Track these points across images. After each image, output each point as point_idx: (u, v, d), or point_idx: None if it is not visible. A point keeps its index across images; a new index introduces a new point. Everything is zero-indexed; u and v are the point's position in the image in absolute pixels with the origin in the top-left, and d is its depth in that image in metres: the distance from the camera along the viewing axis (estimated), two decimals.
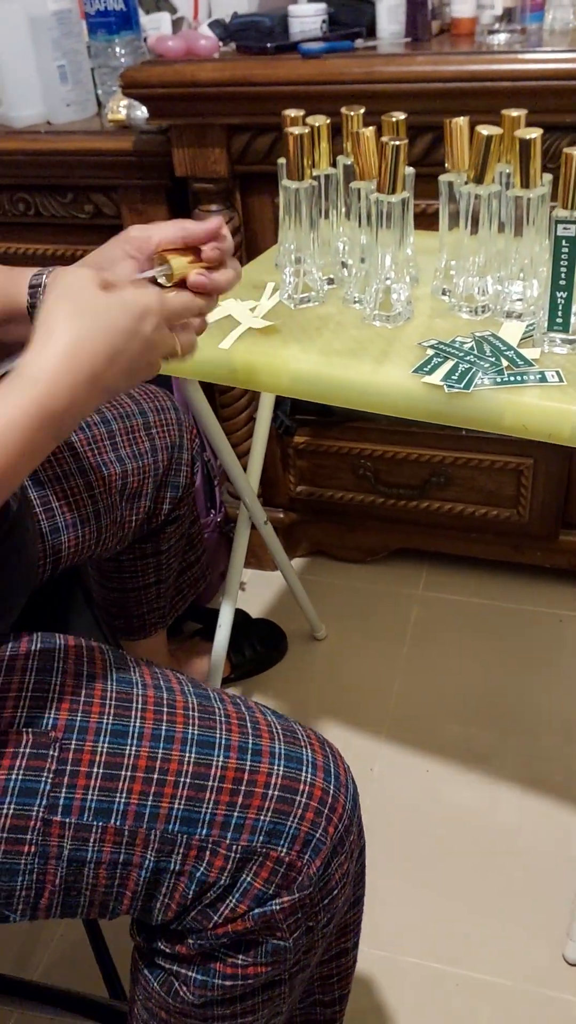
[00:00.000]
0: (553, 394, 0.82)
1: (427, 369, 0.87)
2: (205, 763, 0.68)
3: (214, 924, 0.68)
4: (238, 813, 0.67)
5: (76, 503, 1.00)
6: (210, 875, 0.67)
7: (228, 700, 0.74)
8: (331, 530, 1.74)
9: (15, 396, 0.58)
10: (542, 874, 1.22)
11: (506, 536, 1.62)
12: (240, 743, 0.70)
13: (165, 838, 0.67)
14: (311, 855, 0.68)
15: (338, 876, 0.70)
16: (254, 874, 0.67)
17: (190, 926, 0.69)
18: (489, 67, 1.15)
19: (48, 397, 0.58)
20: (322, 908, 0.70)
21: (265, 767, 0.69)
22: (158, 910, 0.69)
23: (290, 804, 0.68)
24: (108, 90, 1.51)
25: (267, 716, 0.74)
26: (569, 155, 0.79)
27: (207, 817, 0.67)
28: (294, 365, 0.94)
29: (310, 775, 0.70)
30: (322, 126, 1.00)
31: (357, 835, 0.74)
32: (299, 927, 0.69)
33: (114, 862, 0.67)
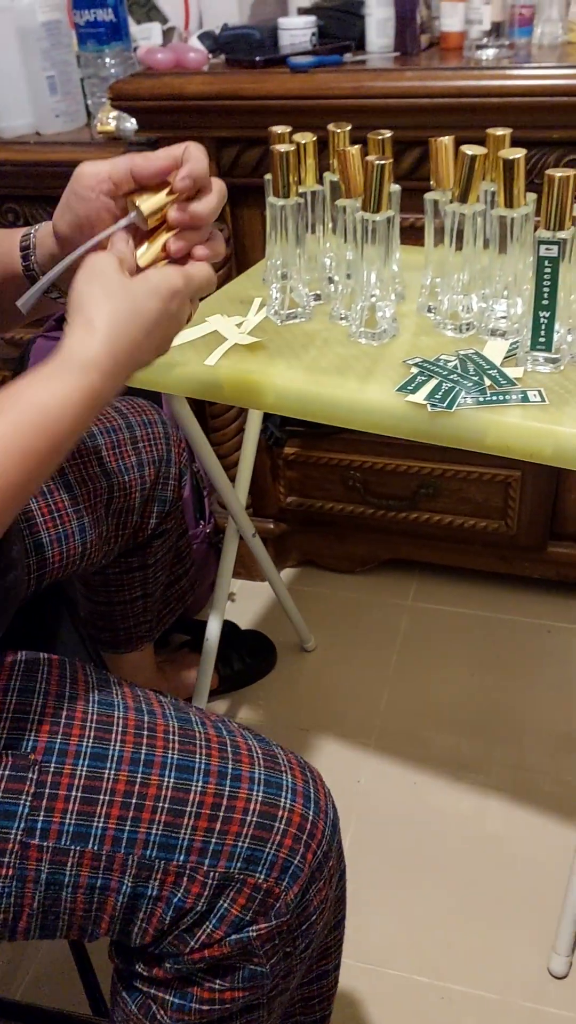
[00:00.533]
0: (535, 414, 0.82)
1: (411, 388, 0.87)
2: (184, 788, 0.68)
3: (191, 949, 0.68)
4: (216, 839, 0.67)
5: (62, 518, 1.00)
6: (187, 901, 0.67)
7: (210, 724, 0.74)
8: (321, 541, 1.74)
9: (72, 379, 0.61)
10: (529, 886, 1.22)
11: (494, 547, 1.62)
12: (219, 768, 0.70)
13: (143, 864, 0.67)
14: (289, 882, 0.68)
15: (316, 902, 0.70)
16: (231, 900, 0.67)
17: (167, 950, 0.68)
18: (477, 83, 1.15)
19: (99, 383, 0.62)
20: (300, 934, 0.70)
21: (244, 792, 0.69)
22: (136, 934, 0.69)
23: (268, 830, 0.68)
24: (97, 101, 1.51)
25: (248, 740, 0.74)
26: (551, 176, 0.79)
27: (185, 843, 0.67)
28: (280, 382, 0.94)
29: (289, 801, 0.70)
30: (308, 143, 1.00)
31: (336, 860, 0.74)
32: (276, 953, 0.69)
33: (92, 886, 0.67)
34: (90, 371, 0.62)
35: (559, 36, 1.28)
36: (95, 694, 0.73)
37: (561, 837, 1.27)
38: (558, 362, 0.88)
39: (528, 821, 1.30)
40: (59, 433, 0.60)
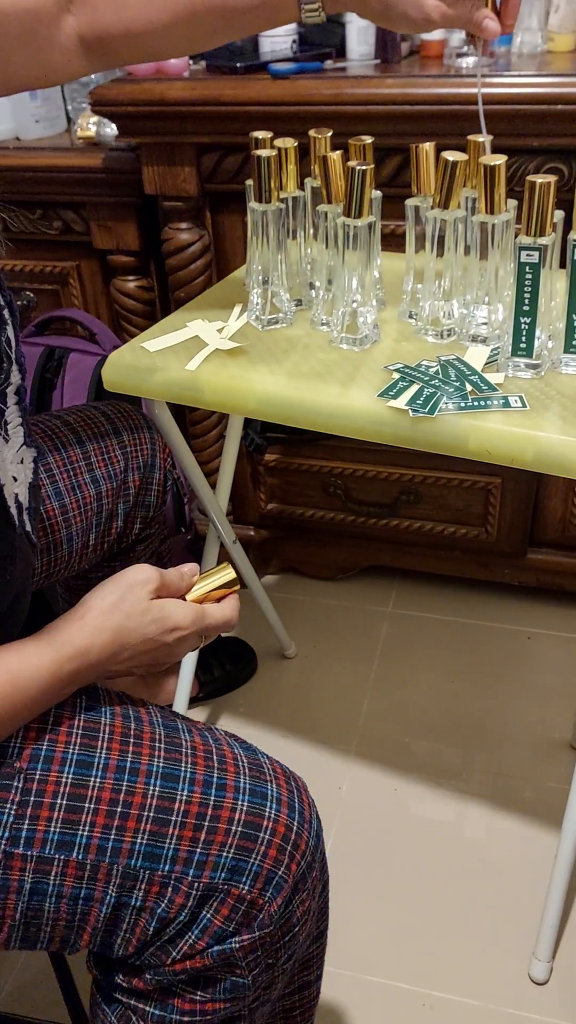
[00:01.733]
0: (516, 419, 0.83)
1: (392, 393, 0.87)
2: (169, 797, 0.68)
3: (172, 960, 0.67)
4: (200, 849, 0.67)
5: (51, 527, 0.99)
6: (170, 911, 0.66)
7: (196, 732, 0.73)
8: (302, 547, 1.74)
9: (48, 656, 0.66)
10: (511, 892, 1.22)
11: (475, 554, 1.63)
12: (205, 777, 0.69)
13: (127, 873, 0.66)
14: (273, 893, 0.67)
15: (300, 913, 0.69)
16: (214, 911, 0.66)
17: (148, 961, 0.68)
18: (457, 91, 1.16)
19: (69, 671, 0.67)
20: (283, 945, 0.69)
21: (229, 802, 0.68)
22: (118, 945, 0.68)
23: (253, 840, 0.68)
24: (78, 107, 1.51)
25: (234, 749, 0.73)
26: (532, 182, 0.80)
27: (169, 853, 0.66)
28: (261, 387, 0.93)
29: (274, 811, 0.69)
30: (290, 148, 1.00)
31: (320, 871, 0.73)
32: (259, 964, 0.68)
33: (75, 896, 0.66)
34: (69, 658, 0.66)
35: (538, 45, 1.29)
36: (82, 701, 0.72)
37: (542, 843, 1.27)
38: (539, 368, 0.89)
39: (509, 827, 1.30)
40: (17, 703, 0.64)
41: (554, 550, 1.58)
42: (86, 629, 0.68)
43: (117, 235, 1.46)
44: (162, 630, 0.71)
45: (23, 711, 0.65)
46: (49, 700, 0.67)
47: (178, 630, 0.72)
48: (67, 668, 0.66)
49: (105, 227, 1.46)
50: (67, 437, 1.05)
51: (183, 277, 1.42)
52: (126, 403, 1.15)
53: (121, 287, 1.50)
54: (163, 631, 0.71)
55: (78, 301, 1.57)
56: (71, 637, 0.67)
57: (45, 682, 0.65)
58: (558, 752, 1.40)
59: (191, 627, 0.73)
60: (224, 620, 0.76)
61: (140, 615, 0.70)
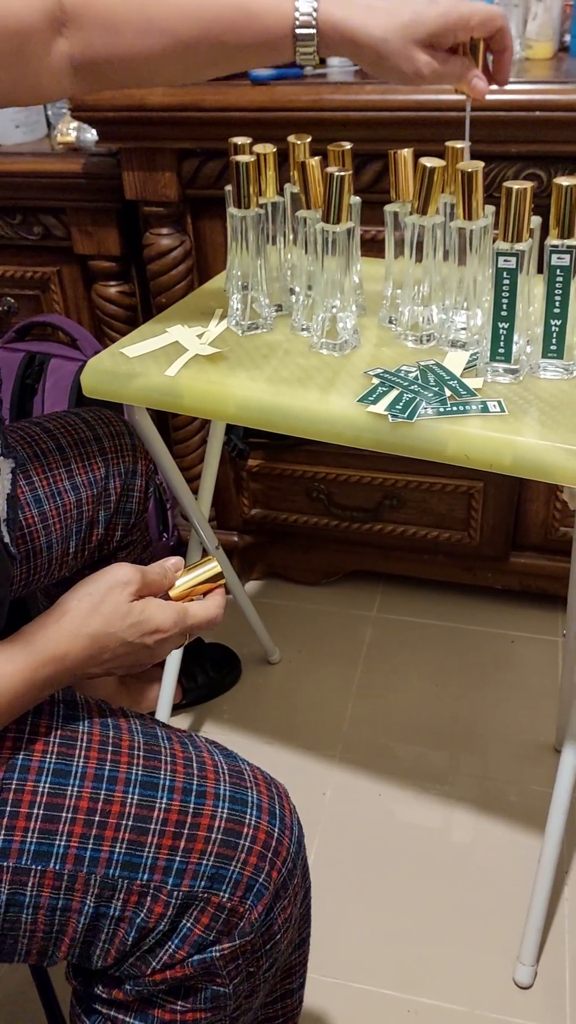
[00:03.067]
0: (495, 424, 0.83)
1: (372, 398, 0.87)
2: (148, 805, 0.67)
3: (152, 970, 0.66)
4: (180, 857, 0.66)
5: (31, 535, 0.99)
6: (150, 921, 0.66)
7: (176, 739, 0.73)
8: (286, 553, 1.74)
9: (22, 661, 0.65)
10: (495, 896, 1.22)
11: (458, 558, 1.63)
12: (184, 784, 0.69)
13: (105, 883, 0.65)
14: (253, 900, 0.67)
15: (281, 921, 0.69)
16: (195, 920, 0.66)
17: (128, 972, 0.67)
18: (436, 97, 1.16)
19: (43, 674, 0.66)
20: (264, 953, 0.69)
21: (209, 809, 0.68)
22: (97, 956, 0.67)
23: (233, 848, 0.67)
24: (58, 112, 1.51)
25: (214, 756, 0.73)
26: (508, 189, 0.80)
27: (148, 861, 0.66)
28: (241, 393, 0.93)
29: (254, 818, 0.69)
30: (269, 154, 1.00)
31: (301, 878, 0.73)
32: (239, 973, 0.68)
33: (53, 907, 0.65)
34: (43, 664, 0.66)
35: (517, 53, 1.29)
36: (59, 709, 0.71)
37: (526, 847, 1.27)
38: (517, 373, 0.89)
39: (494, 831, 1.30)
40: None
41: (537, 553, 1.58)
42: (63, 634, 0.67)
43: (98, 240, 1.45)
44: (142, 633, 0.69)
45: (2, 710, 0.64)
46: (23, 705, 0.66)
47: (159, 632, 0.70)
48: (42, 674, 0.65)
49: (86, 232, 1.45)
50: (47, 444, 1.05)
51: (164, 282, 1.42)
52: (108, 409, 1.15)
53: (102, 292, 1.50)
54: (144, 634, 0.70)
55: (59, 307, 1.56)
56: (46, 643, 0.66)
57: (19, 688, 0.64)
58: (542, 755, 1.41)
59: (173, 628, 0.71)
60: (207, 619, 0.74)
61: (120, 619, 0.69)
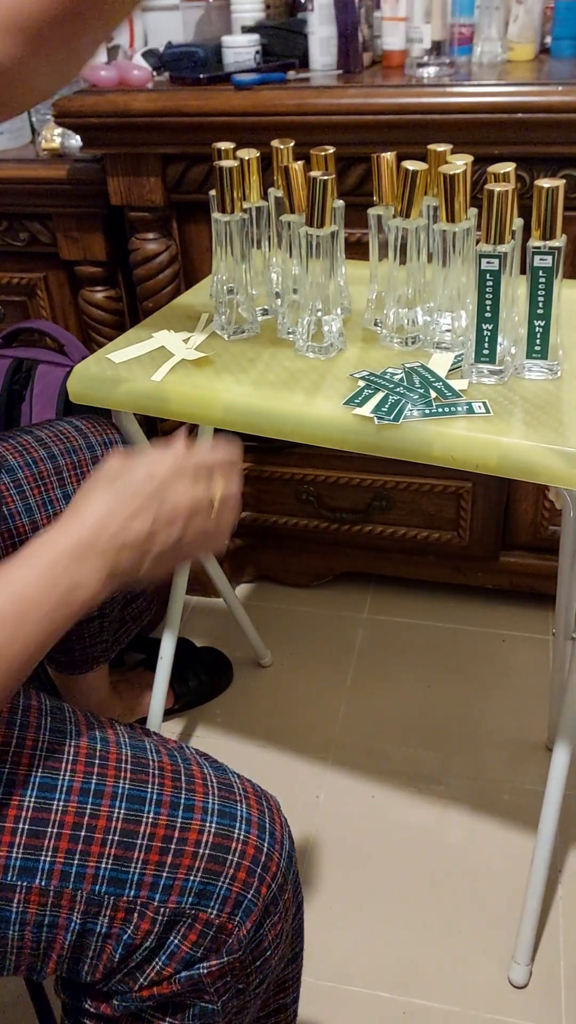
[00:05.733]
0: (480, 425, 0.83)
1: (358, 401, 0.87)
2: (134, 820, 0.66)
3: (139, 986, 0.65)
4: (167, 873, 0.65)
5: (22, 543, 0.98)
6: (137, 937, 0.65)
7: (165, 751, 0.72)
8: (276, 555, 1.74)
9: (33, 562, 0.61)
10: (490, 896, 1.22)
11: (448, 558, 1.63)
12: (172, 798, 0.68)
13: (92, 899, 0.65)
14: (242, 917, 0.66)
15: (271, 937, 0.68)
16: (182, 936, 0.65)
17: (115, 988, 0.66)
18: (418, 100, 1.17)
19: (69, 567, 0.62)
20: (254, 970, 0.68)
21: (197, 824, 0.67)
22: (85, 971, 0.67)
23: (221, 863, 0.66)
24: (42, 118, 1.51)
25: (204, 768, 0.72)
26: (490, 191, 0.81)
27: (135, 877, 0.65)
28: (227, 397, 0.93)
29: (243, 832, 0.68)
30: (252, 159, 1.00)
31: (292, 893, 0.72)
32: (228, 990, 0.67)
33: (39, 923, 0.65)
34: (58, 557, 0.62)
35: (498, 55, 1.30)
36: (47, 720, 0.71)
37: (520, 846, 1.28)
38: (502, 374, 0.89)
39: (487, 830, 1.30)
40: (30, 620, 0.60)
41: (526, 553, 1.59)
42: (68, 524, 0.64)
43: (84, 246, 1.45)
44: (148, 474, 0.65)
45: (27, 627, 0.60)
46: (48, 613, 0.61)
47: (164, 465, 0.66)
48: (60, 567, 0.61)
49: (72, 238, 1.45)
50: (38, 452, 1.04)
51: (151, 287, 1.42)
52: (100, 416, 1.15)
53: (89, 298, 1.50)
54: (149, 475, 0.65)
55: (46, 312, 1.56)
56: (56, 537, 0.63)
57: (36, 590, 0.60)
58: (534, 754, 1.41)
59: (181, 459, 0.66)
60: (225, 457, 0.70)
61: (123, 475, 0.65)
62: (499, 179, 0.83)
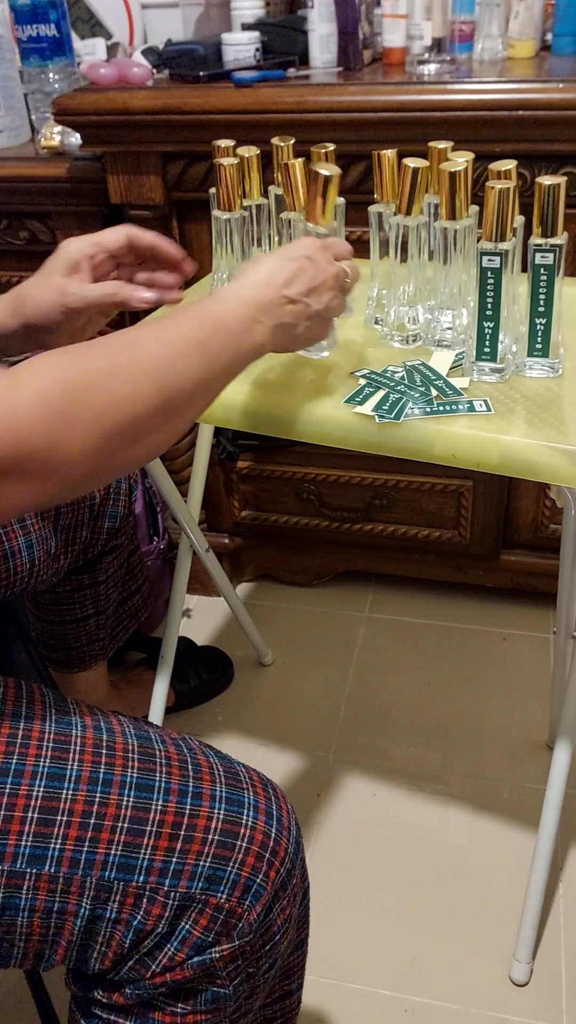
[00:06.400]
0: (481, 423, 0.83)
1: (359, 399, 0.87)
2: (143, 807, 0.67)
3: (152, 973, 0.66)
4: (176, 859, 0.66)
5: (8, 535, 0.98)
6: (147, 923, 0.66)
7: (170, 741, 0.73)
8: (276, 554, 1.74)
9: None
10: (490, 894, 1.22)
11: (449, 557, 1.63)
12: (180, 786, 0.69)
13: (101, 885, 0.65)
14: (251, 901, 0.67)
15: (280, 921, 0.69)
16: (193, 921, 0.66)
17: (127, 975, 0.67)
18: (419, 97, 1.16)
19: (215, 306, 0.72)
20: (263, 954, 0.69)
21: (205, 811, 0.68)
22: (94, 959, 0.67)
23: (230, 849, 0.67)
24: (42, 116, 1.50)
25: (209, 757, 0.73)
26: (492, 188, 0.80)
27: (145, 863, 0.66)
28: (227, 396, 0.93)
29: (251, 818, 0.69)
30: (252, 157, 1.00)
31: (300, 878, 0.73)
32: (239, 974, 0.68)
33: (48, 910, 0.65)
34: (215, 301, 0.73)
35: (499, 52, 1.30)
36: (52, 712, 0.71)
37: (521, 844, 1.28)
38: (503, 372, 0.89)
39: (488, 829, 1.30)
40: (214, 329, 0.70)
41: (527, 551, 1.59)
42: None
43: None
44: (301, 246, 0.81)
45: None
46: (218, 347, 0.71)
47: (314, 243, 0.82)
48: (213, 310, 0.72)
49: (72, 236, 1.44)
50: None
51: None
52: None
53: None
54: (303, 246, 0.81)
55: None
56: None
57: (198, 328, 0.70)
58: (535, 752, 1.41)
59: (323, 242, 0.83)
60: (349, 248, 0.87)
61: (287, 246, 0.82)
62: (501, 176, 0.83)
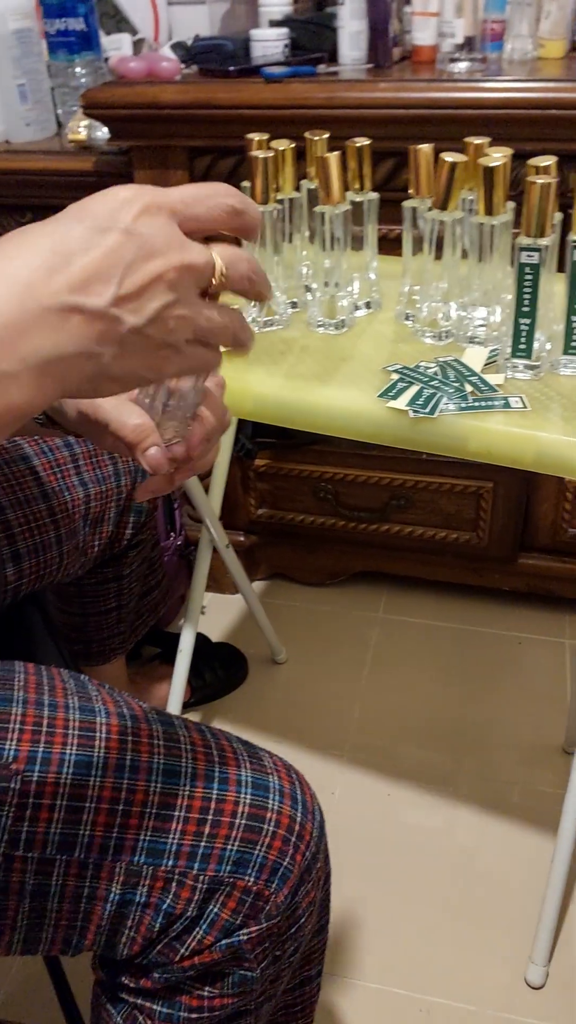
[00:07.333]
0: (517, 420, 0.83)
1: (392, 394, 0.87)
2: (171, 793, 0.67)
3: (181, 957, 0.66)
4: (205, 843, 0.66)
5: (39, 528, 0.98)
6: (177, 907, 0.66)
7: (193, 727, 0.73)
8: (291, 553, 1.73)
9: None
10: (505, 896, 1.21)
11: (466, 559, 1.63)
12: (206, 771, 0.69)
13: (131, 870, 0.65)
14: (279, 884, 0.67)
15: (305, 904, 0.69)
16: (221, 904, 0.66)
17: (156, 960, 0.67)
18: (451, 95, 1.16)
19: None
20: (289, 937, 0.69)
21: (232, 795, 0.68)
22: (123, 944, 0.67)
23: (257, 832, 0.67)
24: (68, 110, 1.50)
25: (232, 743, 0.73)
26: (532, 183, 0.80)
27: (173, 848, 0.66)
28: (258, 389, 0.93)
29: (277, 802, 0.69)
30: (287, 150, 1.00)
31: (324, 862, 0.73)
32: (266, 957, 0.68)
33: (78, 895, 0.65)
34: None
35: (529, 52, 1.30)
36: (75, 700, 0.71)
37: (536, 848, 1.27)
38: (538, 369, 0.89)
39: (502, 832, 1.30)
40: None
41: (545, 555, 1.58)
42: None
43: None
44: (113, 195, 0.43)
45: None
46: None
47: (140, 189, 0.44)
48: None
49: None
50: (53, 440, 1.04)
51: None
52: None
53: None
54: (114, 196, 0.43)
55: None
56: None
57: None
58: (549, 757, 1.40)
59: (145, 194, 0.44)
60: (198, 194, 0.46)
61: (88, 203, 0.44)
62: (539, 172, 0.83)
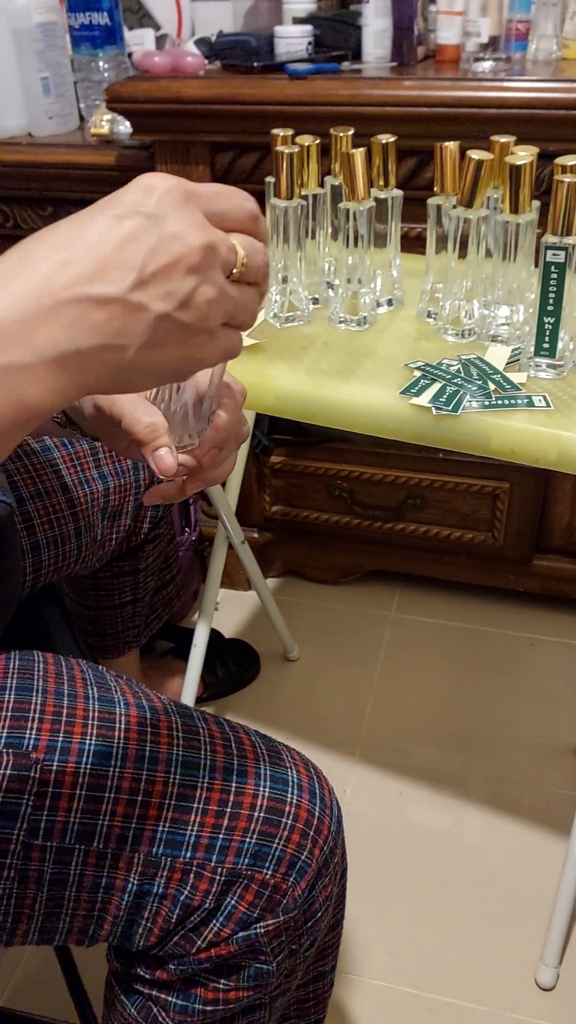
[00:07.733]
0: (541, 418, 0.82)
1: (414, 391, 0.87)
2: (190, 785, 0.67)
3: (197, 948, 0.66)
4: (223, 835, 0.66)
5: (58, 520, 0.98)
6: (194, 898, 0.66)
7: (212, 720, 0.73)
8: (305, 550, 1.73)
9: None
10: (516, 897, 1.21)
11: (480, 559, 1.62)
12: (225, 764, 0.69)
13: (149, 861, 0.66)
14: (296, 877, 0.67)
15: (322, 898, 0.69)
16: (239, 897, 0.66)
17: (172, 951, 0.67)
18: (476, 94, 1.16)
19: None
20: (305, 931, 0.69)
21: (251, 788, 0.68)
22: (139, 935, 0.67)
23: (276, 826, 0.67)
24: (91, 104, 1.51)
25: (251, 736, 0.73)
26: (560, 182, 0.80)
27: (192, 839, 0.66)
28: (280, 384, 0.93)
29: (296, 796, 0.69)
30: (311, 146, 1.00)
31: (341, 856, 0.74)
32: (283, 950, 0.68)
33: (96, 885, 0.65)
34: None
35: (553, 52, 1.29)
36: (94, 690, 0.71)
37: (547, 849, 1.27)
38: (561, 368, 0.88)
39: (513, 832, 1.30)
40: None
41: (560, 557, 1.58)
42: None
43: None
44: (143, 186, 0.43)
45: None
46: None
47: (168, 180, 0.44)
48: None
49: None
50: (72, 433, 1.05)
51: None
52: None
53: None
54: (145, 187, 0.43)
55: None
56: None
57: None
58: (562, 758, 1.40)
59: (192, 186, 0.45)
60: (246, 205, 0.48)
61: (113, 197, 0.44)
62: (567, 171, 0.83)
